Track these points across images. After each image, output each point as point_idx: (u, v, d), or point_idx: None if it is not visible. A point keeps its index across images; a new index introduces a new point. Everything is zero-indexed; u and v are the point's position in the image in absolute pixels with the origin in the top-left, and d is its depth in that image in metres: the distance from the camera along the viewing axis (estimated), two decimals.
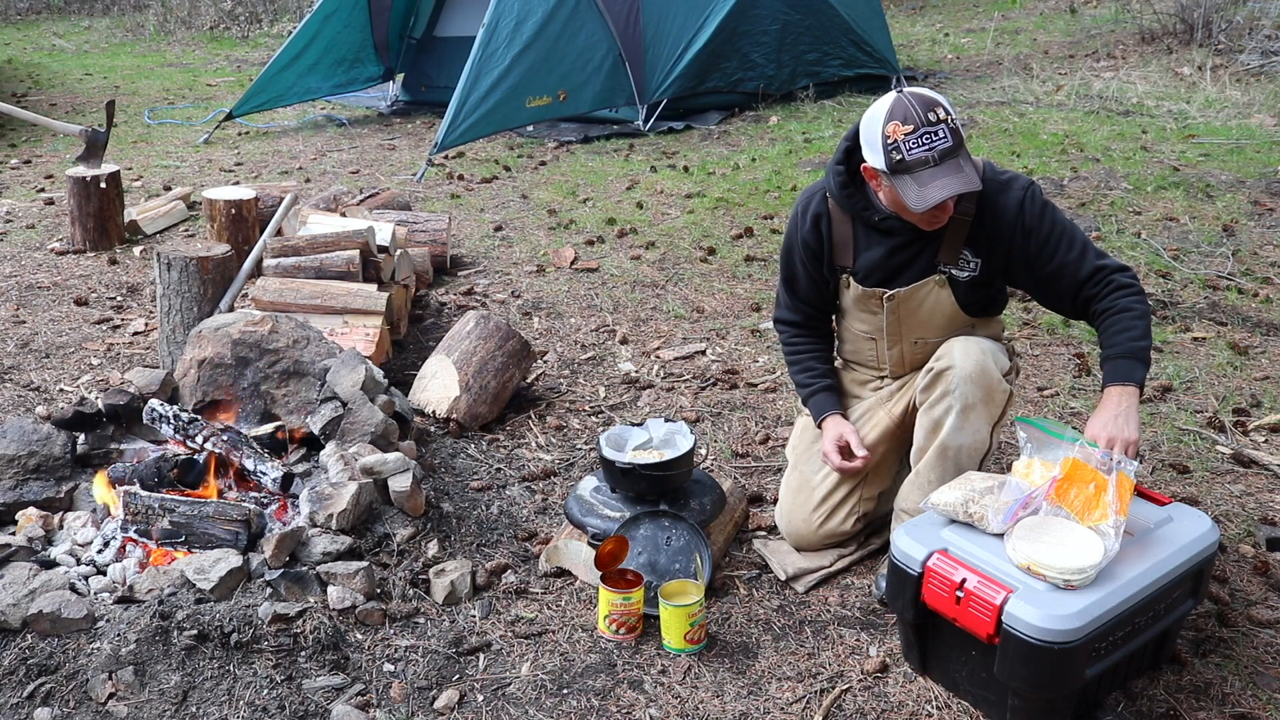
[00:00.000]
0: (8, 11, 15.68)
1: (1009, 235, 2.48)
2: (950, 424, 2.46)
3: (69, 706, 2.23)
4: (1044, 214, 2.47)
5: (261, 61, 10.75)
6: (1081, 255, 2.46)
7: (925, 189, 2.30)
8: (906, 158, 2.30)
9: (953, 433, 2.47)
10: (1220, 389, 3.66)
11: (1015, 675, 2.06)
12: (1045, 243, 2.47)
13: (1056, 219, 2.48)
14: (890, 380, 2.77)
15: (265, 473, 2.80)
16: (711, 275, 4.87)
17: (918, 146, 2.29)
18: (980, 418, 2.47)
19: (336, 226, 4.26)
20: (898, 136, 2.31)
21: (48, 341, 4.22)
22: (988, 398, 2.46)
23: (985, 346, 2.50)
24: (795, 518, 2.77)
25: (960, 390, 2.44)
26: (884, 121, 2.34)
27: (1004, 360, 2.52)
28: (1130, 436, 2.28)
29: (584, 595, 2.66)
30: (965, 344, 2.50)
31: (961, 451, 2.47)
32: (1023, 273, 2.54)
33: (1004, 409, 2.51)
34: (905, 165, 2.31)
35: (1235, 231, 5.09)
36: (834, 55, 8.37)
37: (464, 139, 6.77)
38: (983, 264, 2.53)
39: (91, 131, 5.43)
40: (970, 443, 2.47)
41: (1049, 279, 2.50)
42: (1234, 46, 9.21)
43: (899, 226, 2.53)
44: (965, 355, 2.46)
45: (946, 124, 2.31)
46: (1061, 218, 2.50)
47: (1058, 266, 2.47)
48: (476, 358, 3.51)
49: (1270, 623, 2.50)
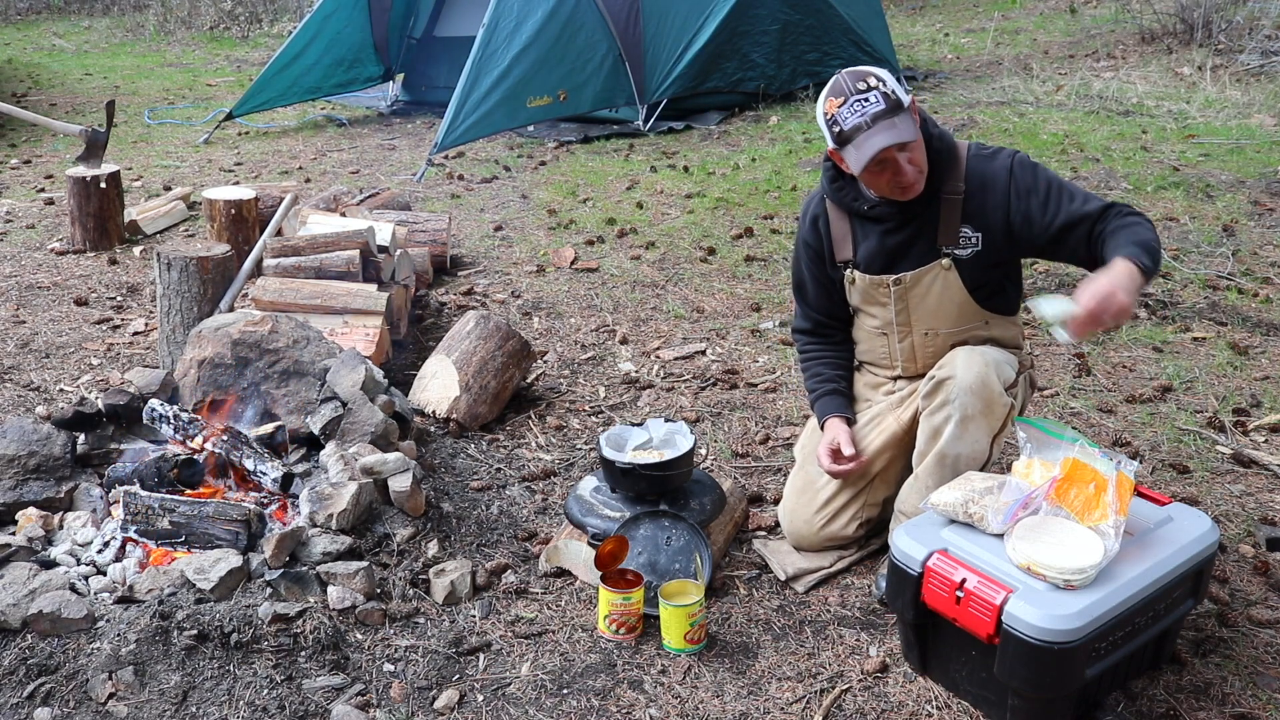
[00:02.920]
0: (8, 11, 15.68)
1: (1005, 201, 2.47)
2: (949, 433, 2.46)
3: (69, 706, 2.23)
4: (1036, 173, 2.47)
5: (261, 61, 10.75)
6: (1085, 200, 2.42)
7: (860, 150, 2.36)
8: (844, 128, 2.38)
9: (951, 441, 2.46)
10: (1220, 389, 3.66)
11: (1015, 675, 2.06)
12: (1046, 200, 2.45)
13: (1050, 177, 2.47)
14: (903, 382, 2.75)
15: (265, 473, 2.80)
16: (711, 275, 4.87)
17: (851, 114, 2.37)
18: (979, 429, 2.45)
19: (336, 226, 4.26)
20: (834, 110, 2.39)
21: (48, 341, 4.22)
22: (987, 410, 2.44)
23: (990, 358, 2.47)
24: (797, 518, 2.77)
25: (960, 400, 2.43)
26: (823, 102, 2.43)
27: (1008, 372, 2.49)
28: (1123, 301, 2.11)
29: (584, 595, 2.66)
30: (969, 354, 2.48)
31: (960, 460, 2.46)
32: (1031, 236, 2.47)
33: (1005, 421, 2.48)
34: (844, 135, 2.38)
35: (1235, 231, 5.09)
36: (834, 55, 8.36)
37: (464, 139, 6.77)
38: (984, 238, 2.51)
39: (91, 131, 5.43)
40: (969, 452, 2.46)
41: (1062, 232, 2.43)
42: (1234, 46, 9.21)
43: (888, 212, 2.55)
44: (967, 366, 2.45)
45: (878, 90, 2.37)
46: (1054, 175, 2.48)
47: (1067, 218, 2.42)
48: (476, 358, 3.51)
49: (1270, 623, 2.50)
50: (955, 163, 2.50)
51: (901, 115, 2.38)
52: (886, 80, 2.40)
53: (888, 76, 2.42)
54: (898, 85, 2.42)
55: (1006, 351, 2.59)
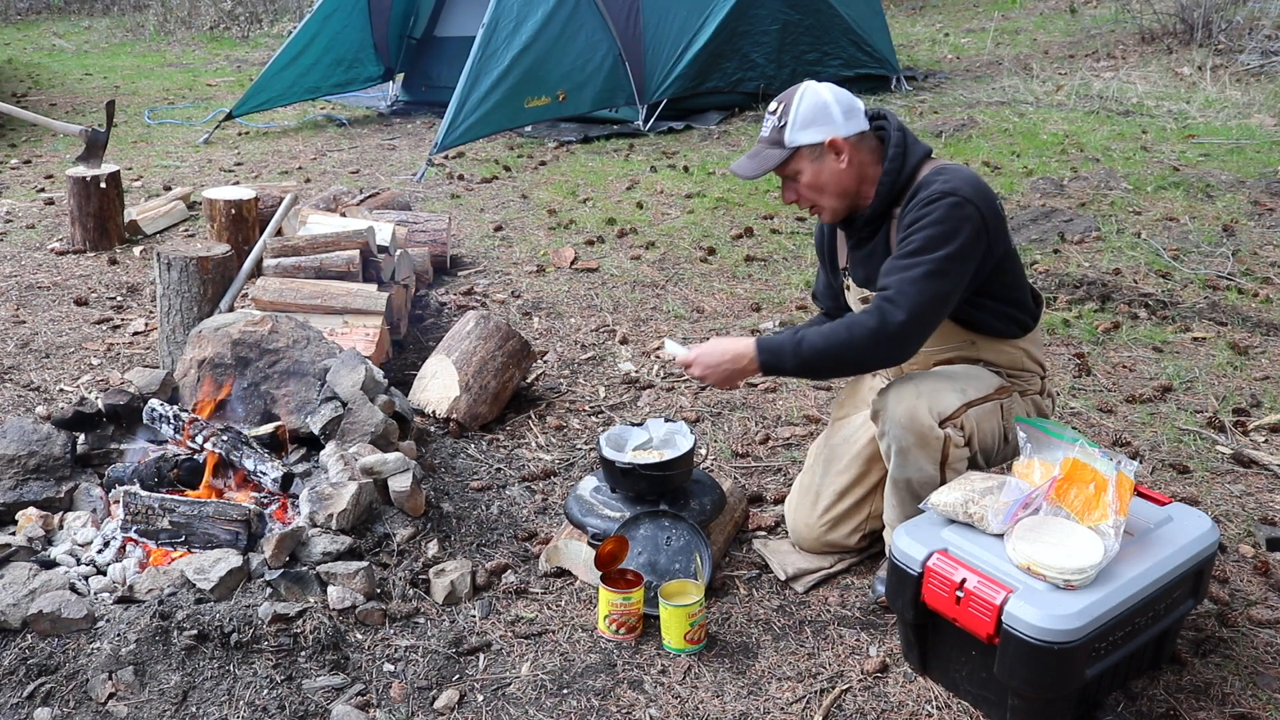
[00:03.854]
0: (8, 11, 15.69)
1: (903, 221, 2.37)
2: (893, 462, 2.41)
3: (69, 706, 2.23)
4: (929, 212, 2.28)
5: (261, 61, 10.75)
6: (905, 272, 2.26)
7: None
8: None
9: (898, 469, 2.41)
10: (1220, 389, 3.66)
11: (1015, 675, 2.06)
12: (901, 244, 2.32)
13: (935, 227, 2.26)
14: None
15: (265, 473, 2.80)
16: (711, 275, 4.87)
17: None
18: (921, 458, 2.37)
19: (336, 226, 4.26)
20: None
21: (48, 341, 4.22)
22: (921, 443, 2.34)
23: (925, 388, 2.36)
24: (799, 519, 2.77)
25: (892, 433, 2.37)
26: None
27: (947, 402, 2.34)
28: (706, 363, 2.40)
29: (584, 595, 2.66)
30: (900, 388, 2.38)
31: (912, 484, 2.40)
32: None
33: (945, 450, 2.34)
34: None
35: (1235, 231, 5.09)
36: (834, 55, 8.37)
37: (464, 139, 6.77)
38: None
39: (91, 131, 5.43)
40: (918, 478, 2.38)
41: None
42: (1234, 46, 9.22)
43: (850, 228, 2.54)
44: (897, 399, 2.36)
45: (774, 115, 2.43)
46: (943, 232, 2.26)
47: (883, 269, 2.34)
48: (476, 358, 3.51)
49: (1270, 623, 2.50)
50: (910, 183, 2.40)
51: (769, 151, 2.42)
52: (791, 110, 2.39)
53: (805, 99, 2.39)
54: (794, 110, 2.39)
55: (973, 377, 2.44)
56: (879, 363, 2.44)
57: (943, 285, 2.27)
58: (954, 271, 2.28)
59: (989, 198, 2.34)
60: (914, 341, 2.31)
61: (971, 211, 2.28)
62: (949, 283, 2.28)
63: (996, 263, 2.39)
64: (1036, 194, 5.81)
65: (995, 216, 2.35)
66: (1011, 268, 2.47)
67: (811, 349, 2.32)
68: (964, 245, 2.27)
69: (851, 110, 2.42)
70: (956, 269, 2.28)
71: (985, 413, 2.41)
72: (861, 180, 2.43)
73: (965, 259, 2.29)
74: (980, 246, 2.32)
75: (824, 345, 2.31)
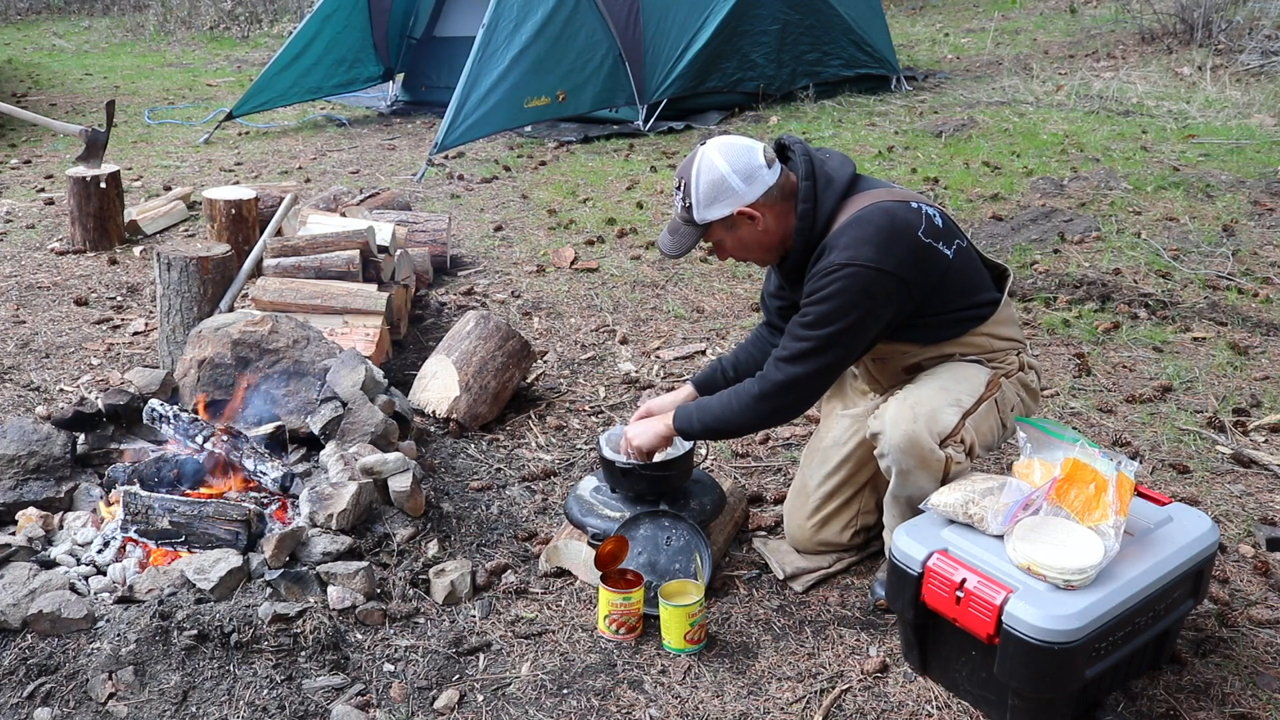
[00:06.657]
0: (8, 11, 15.69)
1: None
2: (894, 481, 2.40)
3: (69, 706, 2.23)
4: (824, 285, 2.29)
5: (261, 61, 10.75)
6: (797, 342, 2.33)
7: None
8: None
9: (899, 487, 2.40)
10: (1220, 389, 3.66)
11: (1015, 675, 2.06)
12: (805, 296, 2.35)
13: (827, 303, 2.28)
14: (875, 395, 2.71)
15: (265, 473, 2.80)
16: (711, 275, 4.87)
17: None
18: (922, 478, 2.36)
19: (336, 226, 4.27)
20: None
21: (48, 341, 4.22)
22: (922, 464, 2.34)
23: (922, 409, 2.32)
24: (792, 521, 2.78)
25: (892, 456, 2.35)
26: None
27: (946, 419, 2.32)
28: (635, 443, 2.62)
29: (584, 595, 2.66)
30: (897, 409, 2.36)
31: (913, 499, 2.39)
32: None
33: (946, 469, 2.33)
34: None
35: (1235, 231, 5.09)
36: (834, 55, 8.37)
37: (464, 139, 6.77)
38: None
39: (91, 131, 5.43)
40: (919, 494, 2.37)
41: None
42: (1234, 46, 9.22)
43: (780, 267, 2.53)
44: (894, 424, 2.34)
45: (680, 193, 2.40)
46: (835, 308, 2.28)
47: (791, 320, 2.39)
48: (476, 358, 3.51)
49: (1270, 623, 2.50)
50: (828, 230, 2.36)
51: (685, 229, 2.42)
52: (694, 187, 2.35)
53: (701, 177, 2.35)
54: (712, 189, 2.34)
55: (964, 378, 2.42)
56: (771, 425, 2.62)
57: (832, 356, 2.35)
58: (846, 342, 2.34)
59: (900, 247, 2.29)
60: (801, 405, 2.45)
61: (872, 279, 2.27)
62: (838, 353, 2.35)
63: (930, 290, 2.37)
64: (1036, 194, 5.81)
65: (911, 265, 2.30)
66: (954, 281, 2.40)
67: (712, 417, 2.50)
68: (861, 317, 2.30)
69: (750, 174, 2.34)
70: (849, 339, 2.34)
71: (982, 415, 2.40)
72: (784, 232, 2.41)
73: (861, 328, 2.33)
74: (888, 306, 2.33)
75: (720, 412, 2.48)
